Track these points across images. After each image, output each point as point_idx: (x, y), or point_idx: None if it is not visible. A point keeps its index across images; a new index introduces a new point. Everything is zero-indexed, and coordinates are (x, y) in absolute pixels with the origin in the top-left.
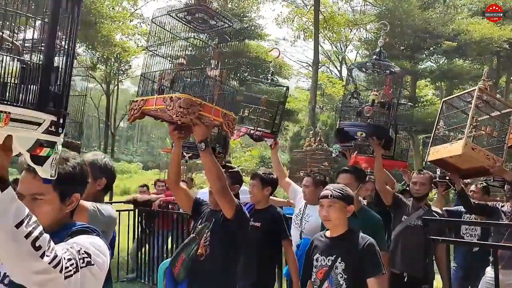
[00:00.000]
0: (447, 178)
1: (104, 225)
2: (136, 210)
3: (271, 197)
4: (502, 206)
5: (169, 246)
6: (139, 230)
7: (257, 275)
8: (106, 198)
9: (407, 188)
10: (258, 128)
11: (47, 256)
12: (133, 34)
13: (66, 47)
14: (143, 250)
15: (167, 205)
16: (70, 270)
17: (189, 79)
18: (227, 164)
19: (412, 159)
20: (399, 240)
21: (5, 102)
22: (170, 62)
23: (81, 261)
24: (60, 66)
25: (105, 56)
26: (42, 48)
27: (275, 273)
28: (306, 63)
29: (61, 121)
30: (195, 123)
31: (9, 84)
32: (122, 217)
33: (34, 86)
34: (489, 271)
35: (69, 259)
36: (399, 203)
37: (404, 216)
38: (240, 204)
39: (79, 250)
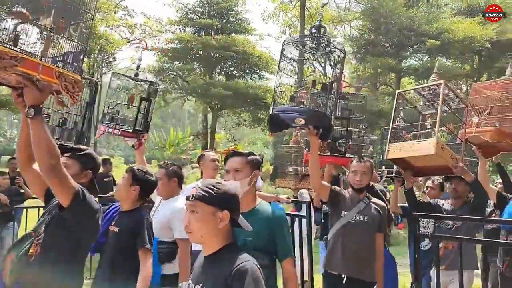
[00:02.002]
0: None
1: None
2: None
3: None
4: (443, 204)
5: None
6: None
7: None
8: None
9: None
10: (117, 127)
11: None
12: (118, 26)
13: None
14: None
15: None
16: None
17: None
18: (74, 146)
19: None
20: (339, 238)
21: None
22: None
23: None
24: None
25: (88, 48)
26: None
27: None
28: (291, 59)
29: None
30: (26, 85)
31: None
32: None
33: None
34: (433, 275)
35: None
36: (337, 197)
37: (343, 211)
38: (83, 191)
39: None
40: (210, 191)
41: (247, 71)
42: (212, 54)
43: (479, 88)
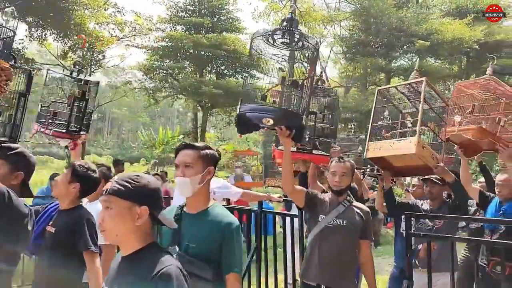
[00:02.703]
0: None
1: None
2: None
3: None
4: (422, 204)
5: None
6: None
7: None
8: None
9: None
10: (49, 127)
11: None
12: (107, 24)
13: None
14: None
15: None
16: None
17: None
18: (3, 145)
19: None
20: (316, 244)
21: None
22: None
23: None
24: None
25: (77, 45)
26: None
27: None
28: (282, 58)
29: None
30: None
31: None
32: None
33: None
34: (416, 277)
35: None
36: (313, 200)
37: (321, 215)
38: (10, 194)
39: None
40: (126, 184)
41: (238, 69)
42: (203, 53)
43: (461, 87)
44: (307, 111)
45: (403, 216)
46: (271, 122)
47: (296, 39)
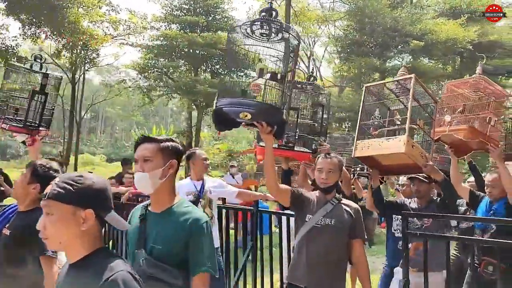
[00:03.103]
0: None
1: None
2: None
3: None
4: (410, 203)
5: None
6: (106, 223)
7: None
8: None
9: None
10: (5, 121)
11: None
12: (101, 22)
13: None
14: (110, 243)
15: (137, 198)
16: None
17: None
18: None
19: None
20: (303, 245)
21: None
22: None
23: None
24: None
25: (71, 43)
26: None
27: None
28: (276, 57)
29: None
30: None
31: None
32: None
33: None
34: (400, 271)
35: None
36: (299, 199)
37: (308, 215)
38: None
39: None
40: (68, 187)
41: (233, 68)
42: (198, 52)
43: (452, 87)
44: (288, 106)
45: (395, 216)
46: (249, 116)
47: (275, 30)
